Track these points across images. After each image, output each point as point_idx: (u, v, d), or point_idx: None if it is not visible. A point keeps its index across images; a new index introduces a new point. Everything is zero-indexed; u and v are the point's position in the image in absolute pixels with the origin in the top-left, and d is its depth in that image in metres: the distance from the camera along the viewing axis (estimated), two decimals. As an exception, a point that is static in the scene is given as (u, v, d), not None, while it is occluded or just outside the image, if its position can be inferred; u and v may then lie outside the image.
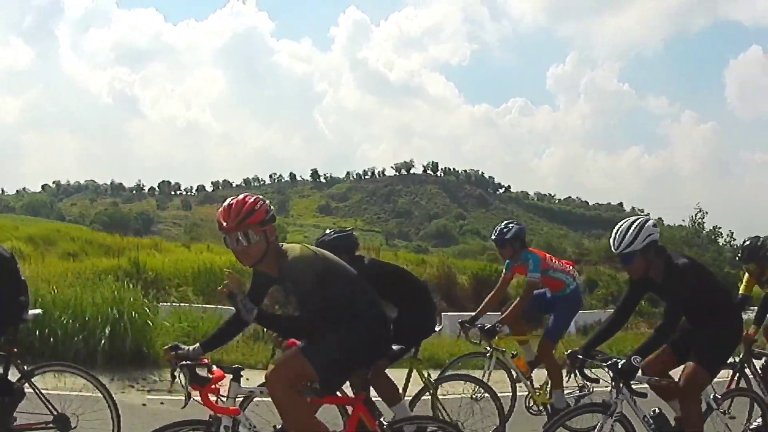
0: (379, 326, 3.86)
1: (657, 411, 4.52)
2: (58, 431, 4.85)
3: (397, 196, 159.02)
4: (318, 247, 4.77)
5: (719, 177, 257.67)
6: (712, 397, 4.78)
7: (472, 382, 5.86)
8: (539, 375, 6.46)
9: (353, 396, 4.04)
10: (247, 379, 3.86)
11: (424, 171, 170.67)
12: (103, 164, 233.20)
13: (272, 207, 3.72)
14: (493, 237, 6.57)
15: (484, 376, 6.03)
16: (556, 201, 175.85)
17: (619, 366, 4.19)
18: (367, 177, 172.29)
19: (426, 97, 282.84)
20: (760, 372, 6.28)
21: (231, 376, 3.65)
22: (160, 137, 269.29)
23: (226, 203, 3.64)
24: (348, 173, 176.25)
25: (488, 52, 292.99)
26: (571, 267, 6.75)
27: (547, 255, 6.64)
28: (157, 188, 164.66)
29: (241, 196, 3.65)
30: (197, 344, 3.78)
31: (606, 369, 4.25)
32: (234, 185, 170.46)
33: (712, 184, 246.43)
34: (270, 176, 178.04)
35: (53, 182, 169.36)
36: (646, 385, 4.55)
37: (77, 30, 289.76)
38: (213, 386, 3.52)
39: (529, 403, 6.37)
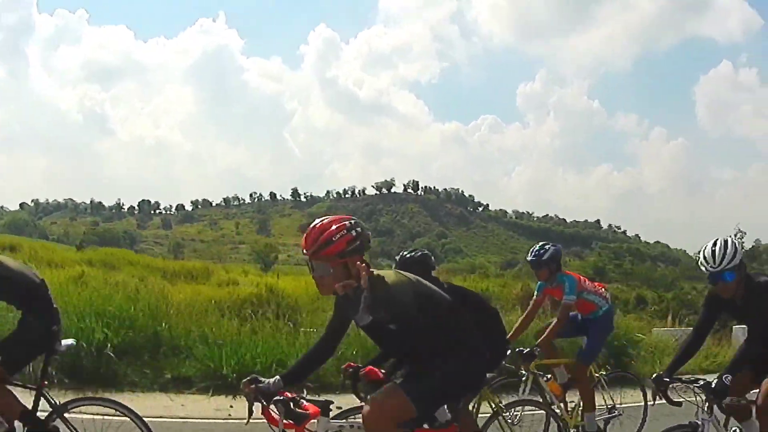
0: (478, 357, 3.70)
1: (738, 430, 4.53)
2: None
3: (378, 215, 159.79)
4: (402, 265, 4.89)
5: (688, 194, 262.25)
6: None
7: (538, 407, 5.90)
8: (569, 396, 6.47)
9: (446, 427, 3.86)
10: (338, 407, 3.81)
11: (405, 190, 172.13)
12: (73, 182, 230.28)
13: (362, 232, 3.40)
14: (529, 258, 6.46)
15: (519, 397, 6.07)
16: (534, 219, 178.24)
17: (712, 386, 4.16)
18: (347, 196, 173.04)
19: (395, 115, 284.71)
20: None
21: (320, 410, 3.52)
22: (129, 156, 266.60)
23: (311, 225, 3.44)
24: (328, 192, 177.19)
25: (458, 70, 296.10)
26: (603, 289, 6.73)
27: (581, 277, 6.59)
28: (137, 207, 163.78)
29: (327, 220, 3.42)
30: (277, 377, 3.59)
31: (698, 389, 4.23)
32: (214, 204, 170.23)
33: (680, 201, 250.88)
34: (250, 195, 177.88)
35: (32, 201, 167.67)
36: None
37: (47, 48, 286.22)
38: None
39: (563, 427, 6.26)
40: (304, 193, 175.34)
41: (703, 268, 4.42)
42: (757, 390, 4.57)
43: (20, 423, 4.39)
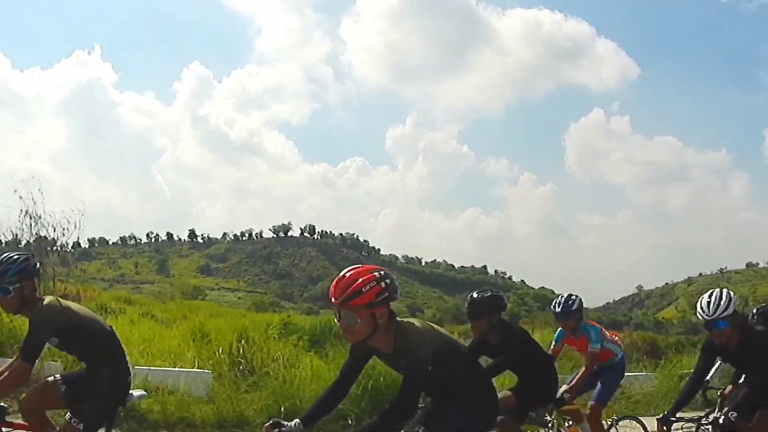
0: (492, 400, 3.95)
1: None
2: None
3: (277, 258, 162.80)
4: (473, 305, 5.60)
5: (555, 238, 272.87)
6: None
7: None
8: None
9: None
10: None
11: (302, 233, 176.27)
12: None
13: (390, 284, 3.48)
14: (557, 309, 6.65)
15: None
16: (423, 264, 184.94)
17: (720, 422, 4.57)
18: (245, 238, 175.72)
19: (265, 155, 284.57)
20: None
21: None
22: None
23: (341, 274, 3.49)
24: (225, 234, 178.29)
25: (329, 111, 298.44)
26: (616, 337, 7.19)
27: (601, 327, 6.88)
28: (32, 243, 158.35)
29: (358, 269, 3.48)
30: (297, 420, 3.69)
31: (705, 425, 4.78)
32: (111, 243, 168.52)
33: (547, 245, 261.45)
34: (147, 235, 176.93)
35: None
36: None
37: None
38: None
39: None
40: (201, 234, 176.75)
41: (699, 316, 4.77)
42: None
43: None
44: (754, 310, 6.47)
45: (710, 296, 4.81)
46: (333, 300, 3.44)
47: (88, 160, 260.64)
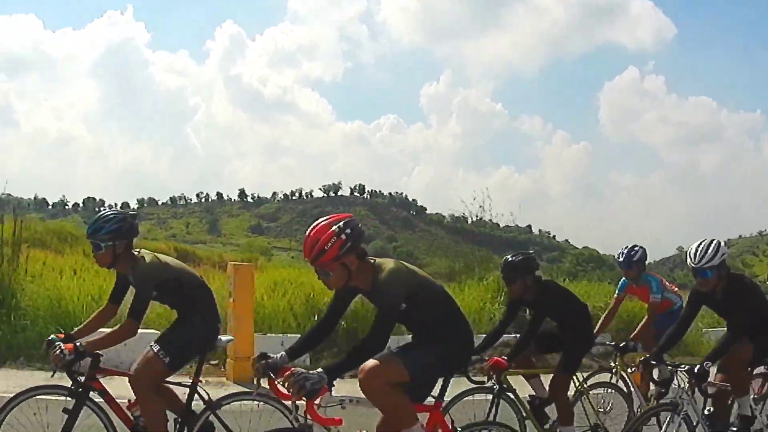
0: (465, 341, 4.01)
1: (711, 410, 4.99)
2: None
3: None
4: (510, 267, 5.66)
5: (588, 197, 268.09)
6: (752, 398, 5.40)
7: (618, 391, 6.30)
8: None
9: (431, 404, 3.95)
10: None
11: (352, 193, 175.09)
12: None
13: (351, 233, 3.58)
14: (620, 259, 6.91)
15: (606, 391, 6.33)
16: (469, 222, 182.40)
17: (695, 371, 4.66)
18: (294, 198, 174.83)
19: (298, 113, 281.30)
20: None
21: None
22: (31, 149, 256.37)
23: (307, 233, 3.61)
24: (274, 193, 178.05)
25: (363, 69, 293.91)
26: (675, 288, 7.27)
27: (661, 277, 7.12)
28: (81, 204, 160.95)
29: (318, 228, 3.59)
30: (283, 353, 3.84)
31: (682, 373, 4.76)
32: (160, 203, 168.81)
33: (580, 205, 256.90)
34: (197, 195, 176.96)
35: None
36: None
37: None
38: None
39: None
40: (251, 194, 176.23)
41: (687, 264, 5.02)
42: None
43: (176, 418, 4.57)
44: None
45: (699, 245, 4.94)
46: (306, 259, 3.63)
47: (119, 120, 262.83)
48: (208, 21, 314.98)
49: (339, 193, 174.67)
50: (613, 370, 6.43)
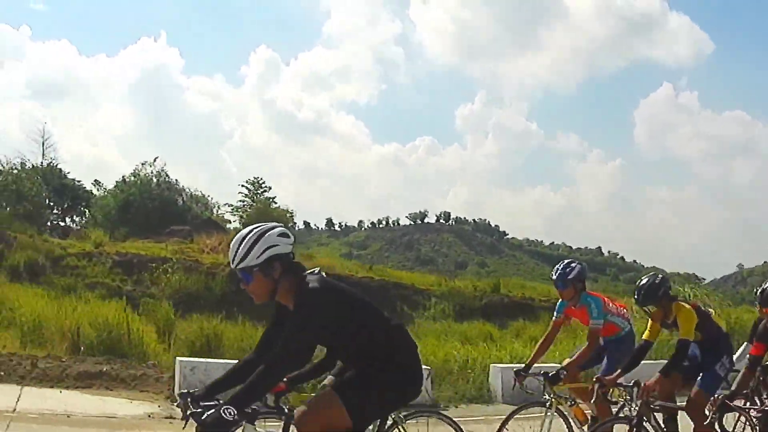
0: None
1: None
2: None
3: (418, 245, 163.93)
4: (561, 277, 6.12)
5: (623, 212, 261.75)
6: None
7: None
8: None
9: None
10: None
11: (437, 220, 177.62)
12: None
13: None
14: (553, 276, 6.24)
15: (542, 426, 5.82)
16: (544, 246, 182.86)
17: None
18: (381, 225, 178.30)
19: (334, 136, 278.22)
20: (663, 426, 5.57)
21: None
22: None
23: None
24: (360, 221, 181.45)
25: (398, 91, 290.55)
26: (624, 310, 6.53)
27: (605, 298, 6.45)
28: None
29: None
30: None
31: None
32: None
33: (616, 220, 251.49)
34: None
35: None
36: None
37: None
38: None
39: None
40: (338, 223, 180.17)
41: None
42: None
43: None
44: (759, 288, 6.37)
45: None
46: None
47: (154, 144, 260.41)
48: (242, 47, 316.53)
49: (425, 221, 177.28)
50: (547, 404, 5.89)
